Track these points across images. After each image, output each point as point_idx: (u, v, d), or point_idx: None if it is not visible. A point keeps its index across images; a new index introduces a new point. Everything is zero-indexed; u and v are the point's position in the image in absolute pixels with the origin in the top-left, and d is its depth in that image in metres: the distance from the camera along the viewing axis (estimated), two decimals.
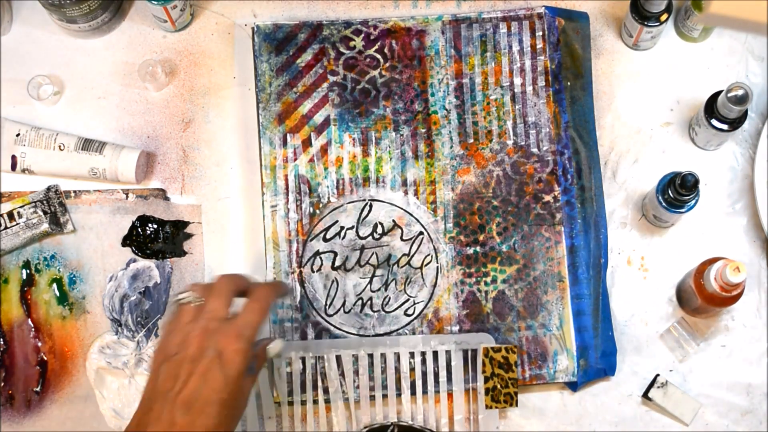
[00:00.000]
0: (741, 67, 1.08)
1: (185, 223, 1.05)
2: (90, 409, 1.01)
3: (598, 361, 1.02)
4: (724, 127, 1.02)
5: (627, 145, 1.08)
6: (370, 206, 1.04)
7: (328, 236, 1.03)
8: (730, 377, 1.03)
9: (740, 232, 1.05)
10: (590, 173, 1.05)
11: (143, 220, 1.05)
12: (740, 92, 0.98)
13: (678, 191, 0.98)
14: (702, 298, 0.97)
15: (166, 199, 1.06)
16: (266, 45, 1.07)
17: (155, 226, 1.05)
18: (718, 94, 1.01)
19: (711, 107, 1.02)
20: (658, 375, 1.02)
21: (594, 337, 1.02)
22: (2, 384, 1.01)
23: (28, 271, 1.04)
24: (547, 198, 1.04)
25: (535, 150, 1.05)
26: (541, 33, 1.07)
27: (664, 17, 1.04)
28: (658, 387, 1.01)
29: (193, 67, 1.09)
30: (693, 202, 0.99)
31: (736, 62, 1.09)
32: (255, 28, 1.07)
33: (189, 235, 1.05)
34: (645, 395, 1.02)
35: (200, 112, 1.08)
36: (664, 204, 0.99)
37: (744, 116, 1.02)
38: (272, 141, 1.05)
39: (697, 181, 0.97)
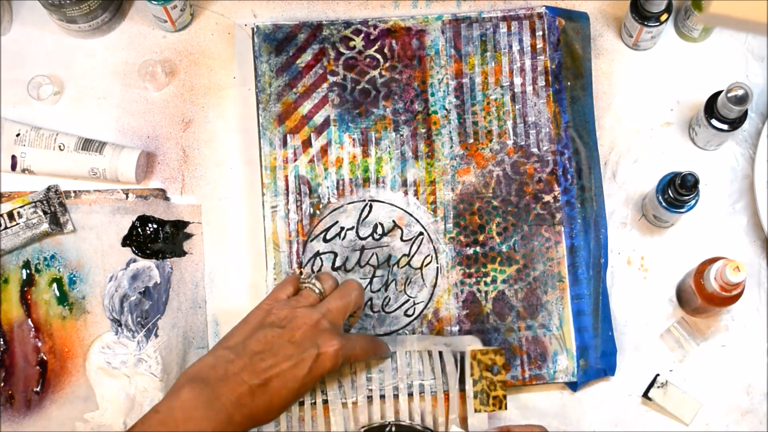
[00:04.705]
0: (741, 67, 1.08)
1: (185, 223, 1.05)
2: (90, 409, 1.01)
3: (598, 361, 1.02)
4: (724, 127, 1.02)
5: (627, 145, 1.08)
6: (370, 207, 1.04)
7: (328, 237, 1.03)
8: (730, 377, 1.03)
9: (740, 232, 1.05)
10: (590, 173, 1.05)
11: (143, 220, 1.05)
12: (740, 92, 0.98)
13: (678, 191, 0.98)
14: (702, 298, 0.97)
15: (166, 199, 1.06)
16: (266, 45, 1.07)
17: (155, 226, 1.05)
18: (718, 94, 1.01)
19: (711, 107, 1.02)
20: (658, 375, 1.02)
21: (594, 337, 1.02)
22: (2, 384, 1.01)
23: (28, 271, 1.04)
24: (547, 198, 1.04)
25: (535, 150, 1.05)
26: (541, 33, 1.07)
27: (664, 17, 1.04)
28: (658, 387, 1.01)
29: (193, 67, 1.09)
30: (693, 202, 0.99)
31: (736, 62, 1.09)
32: (255, 29, 1.07)
33: (189, 235, 1.05)
34: (645, 395, 1.02)
35: (200, 112, 1.08)
36: (664, 204, 0.99)
37: (744, 116, 1.02)
38: (272, 142, 1.05)
39: (697, 181, 0.97)
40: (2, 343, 1.02)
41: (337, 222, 1.04)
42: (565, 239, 1.03)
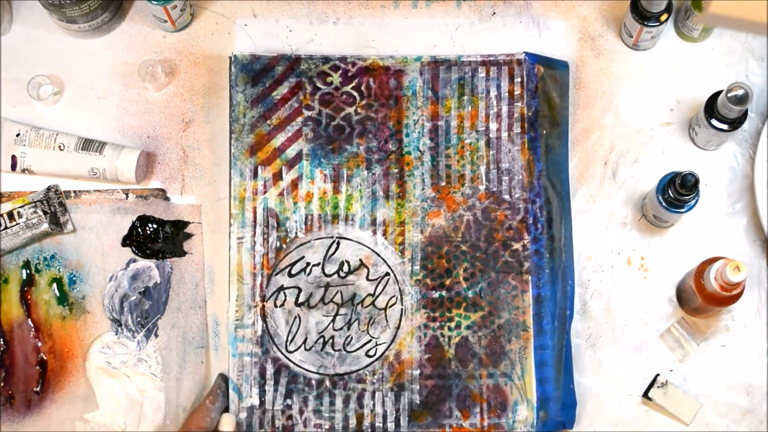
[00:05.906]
0: (741, 67, 1.08)
1: (185, 223, 1.05)
2: (90, 409, 1.01)
3: (558, 413, 1.00)
4: (724, 127, 1.02)
5: (627, 145, 1.08)
6: (338, 244, 1.03)
7: (293, 272, 1.02)
8: (730, 377, 1.03)
9: (740, 232, 1.05)
10: (561, 223, 1.04)
11: (143, 220, 1.05)
12: (740, 92, 0.98)
13: (678, 191, 0.98)
14: (702, 298, 0.97)
15: (166, 199, 1.06)
16: (243, 75, 1.05)
17: (155, 226, 1.05)
18: (718, 94, 1.01)
19: (711, 107, 1.02)
20: (658, 375, 1.02)
21: (555, 389, 1.00)
22: (2, 384, 1.01)
23: (28, 271, 1.04)
24: (516, 246, 1.03)
25: (506, 197, 1.04)
26: (519, 79, 1.05)
27: (664, 17, 1.04)
28: (658, 387, 1.01)
29: (193, 67, 1.09)
30: (693, 202, 0.99)
31: (736, 62, 1.09)
32: (233, 58, 1.05)
33: (189, 235, 1.05)
34: (645, 395, 1.02)
35: (200, 112, 1.08)
36: (664, 204, 0.99)
37: (744, 116, 1.02)
38: (243, 172, 1.03)
39: (697, 181, 0.97)
40: (2, 343, 1.02)
41: (303, 257, 1.03)
42: (532, 288, 1.02)
